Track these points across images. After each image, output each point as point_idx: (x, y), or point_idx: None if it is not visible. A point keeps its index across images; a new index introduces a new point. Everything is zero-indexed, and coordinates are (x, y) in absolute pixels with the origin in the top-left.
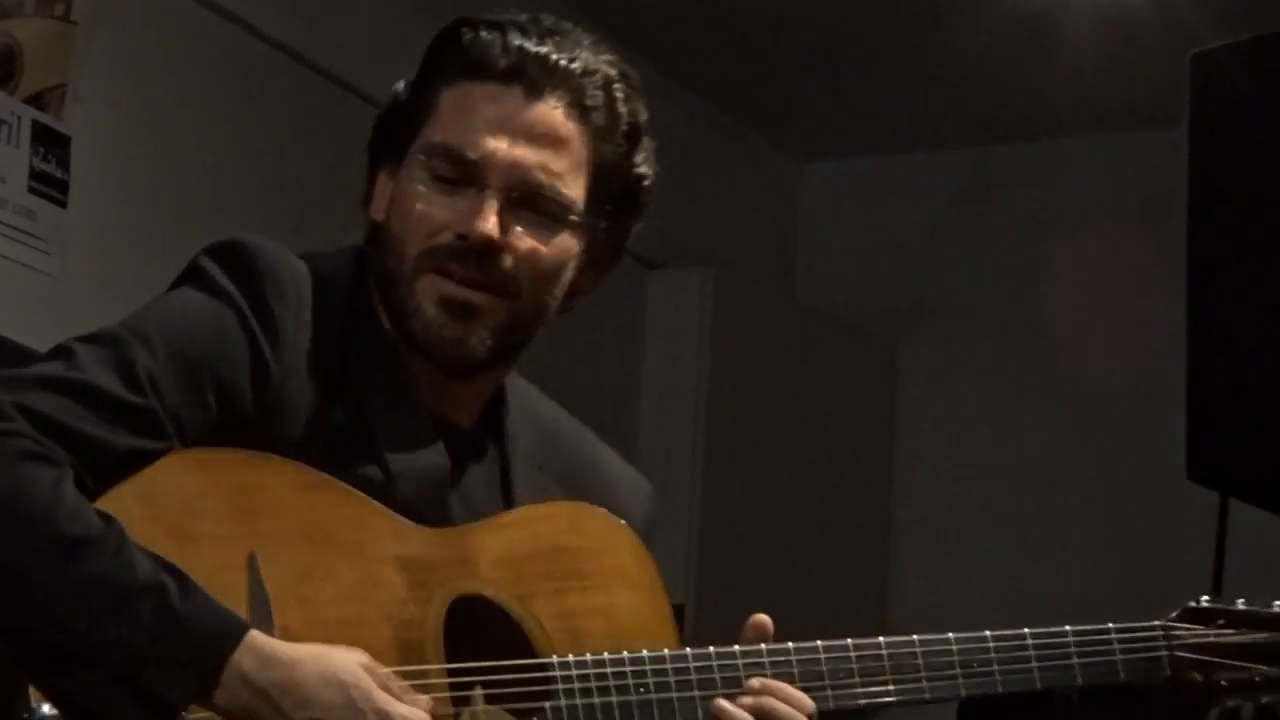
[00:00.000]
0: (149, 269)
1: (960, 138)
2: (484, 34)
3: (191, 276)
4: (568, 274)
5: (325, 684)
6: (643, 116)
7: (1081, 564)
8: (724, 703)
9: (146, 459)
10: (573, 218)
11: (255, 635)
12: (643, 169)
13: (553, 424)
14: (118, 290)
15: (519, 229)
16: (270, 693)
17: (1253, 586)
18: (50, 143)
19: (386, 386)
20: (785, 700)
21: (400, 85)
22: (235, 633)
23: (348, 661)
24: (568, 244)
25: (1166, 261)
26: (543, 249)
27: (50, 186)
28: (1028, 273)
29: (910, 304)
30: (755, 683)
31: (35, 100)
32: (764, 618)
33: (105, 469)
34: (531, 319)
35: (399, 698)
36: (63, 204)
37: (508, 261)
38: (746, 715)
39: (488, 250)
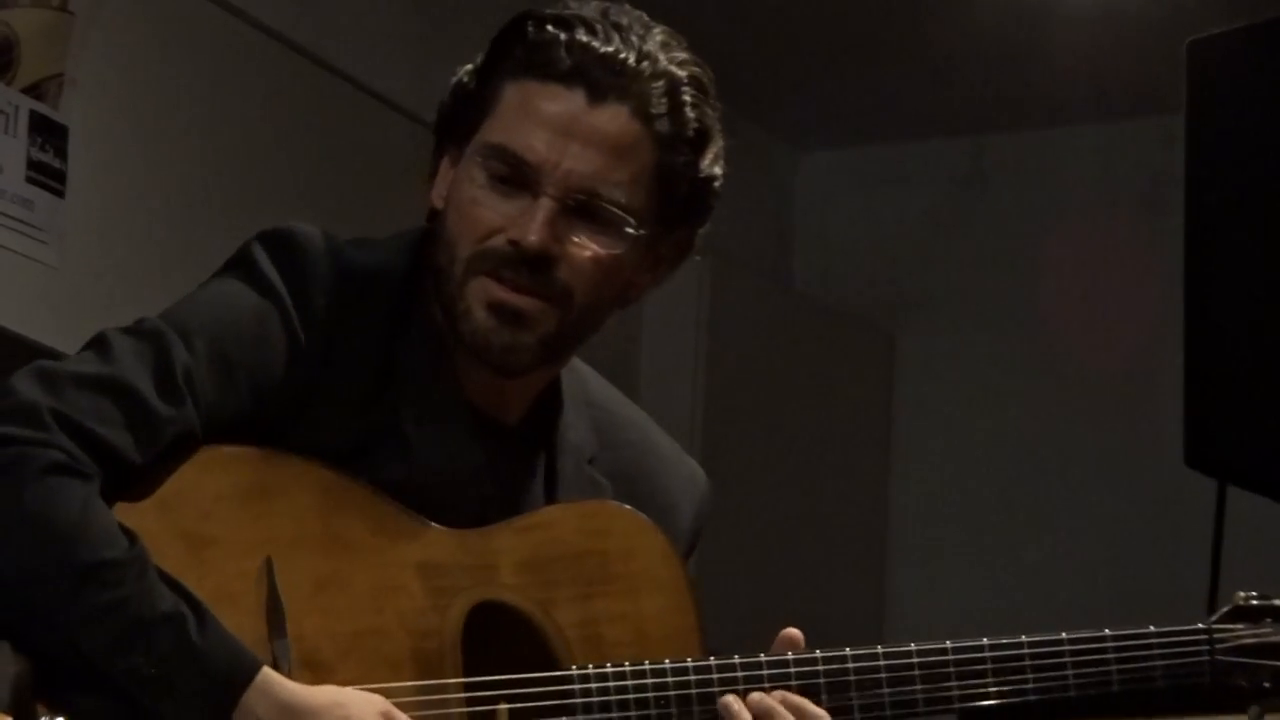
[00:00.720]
0: (146, 258)
1: (957, 126)
2: (549, 29)
3: (240, 264)
4: (623, 279)
5: None
6: (711, 119)
7: (1080, 552)
8: (730, 699)
9: (172, 462)
10: (629, 229)
11: (268, 675)
12: (710, 171)
13: (608, 413)
14: (115, 280)
15: (574, 238)
16: None
17: (1251, 573)
18: (48, 132)
19: (431, 383)
20: (795, 710)
21: (465, 71)
22: (249, 670)
23: (365, 703)
24: (624, 253)
25: (1164, 249)
26: (597, 259)
27: (48, 176)
28: (1025, 261)
29: (907, 292)
30: (776, 694)
31: (33, 90)
32: (796, 632)
33: (132, 475)
34: (583, 326)
35: None
36: (60, 194)
37: (560, 270)
38: (747, 715)
39: (540, 260)
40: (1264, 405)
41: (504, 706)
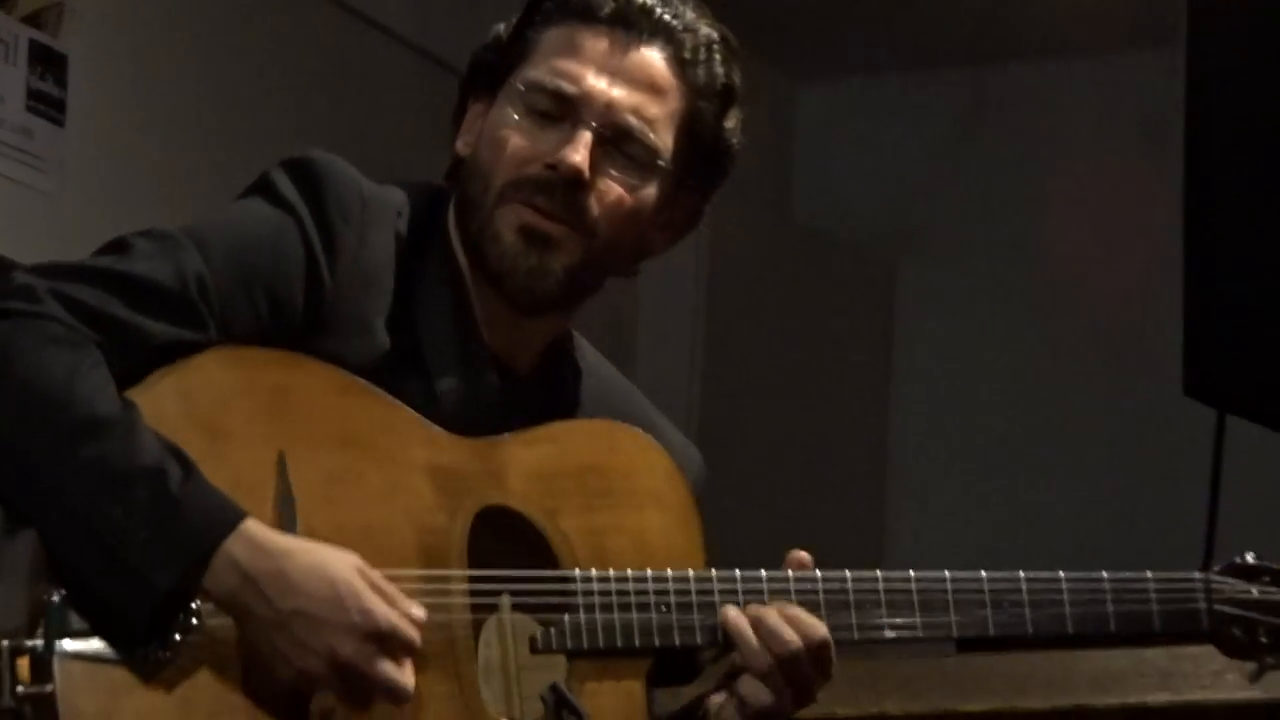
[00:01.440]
0: (146, 187)
1: (958, 58)
2: None
3: (259, 187)
4: (644, 224)
5: (313, 577)
6: (738, 82)
7: (1080, 483)
8: (731, 609)
9: (183, 350)
10: (660, 163)
11: (250, 524)
12: (731, 135)
13: (606, 381)
14: (115, 208)
15: (608, 171)
16: (258, 580)
17: (1250, 503)
18: (48, 62)
19: (448, 317)
20: (792, 622)
21: (500, 27)
22: (230, 520)
23: (340, 560)
24: (650, 192)
25: (1164, 181)
26: (626, 194)
27: (48, 105)
28: (1025, 193)
29: (907, 224)
30: (774, 605)
31: (33, 20)
32: (804, 554)
33: (139, 356)
34: (604, 261)
35: (393, 602)
36: (60, 123)
37: (591, 200)
38: (746, 624)
39: (575, 183)
40: (1263, 336)
41: (506, 598)
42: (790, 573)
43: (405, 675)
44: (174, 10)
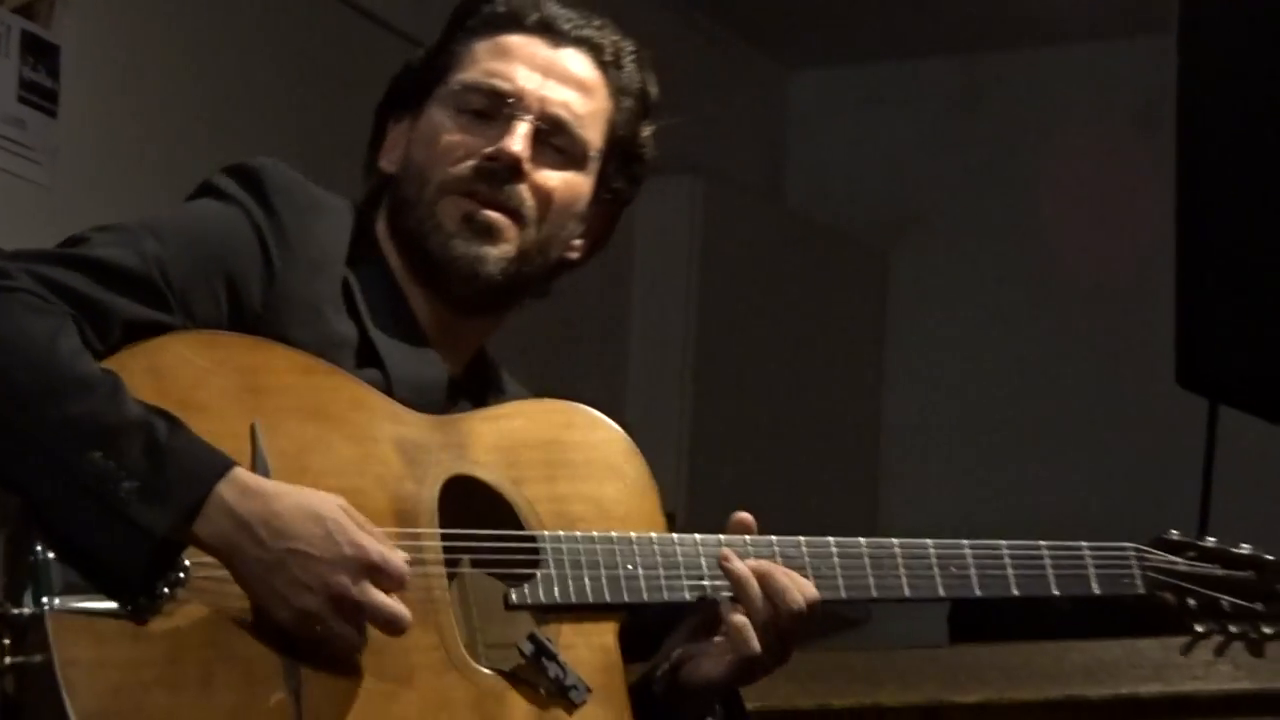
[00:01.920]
0: (138, 178)
1: (951, 45)
2: None
3: (203, 190)
4: (574, 220)
5: (303, 516)
6: (654, 92)
7: (1072, 471)
8: (737, 561)
9: (152, 331)
10: (589, 159)
11: (239, 470)
12: (647, 143)
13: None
14: (107, 199)
15: (541, 162)
16: (250, 523)
17: (1241, 492)
18: (40, 52)
19: (388, 313)
20: (794, 580)
21: (419, 53)
22: (220, 466)
23: (326, 499)
24: (581, 186)
25: (1157, 168)
26: (559, 184)
27: (40, 96)
28: (1018, 179)
29: (901, 211)
30: (767, 562)
31: (25, 10)
32: (747, 515)
33: (110, 332)
34: (540, 254)
35: (379, 539)
36: (52, 113)
37: (528, 191)
38: (747, 571)
39: (513, 171)
40: (1255, 326)
41: (466, 558)
42: (747, 538)
43: (399, 605)
44: (166, 0)
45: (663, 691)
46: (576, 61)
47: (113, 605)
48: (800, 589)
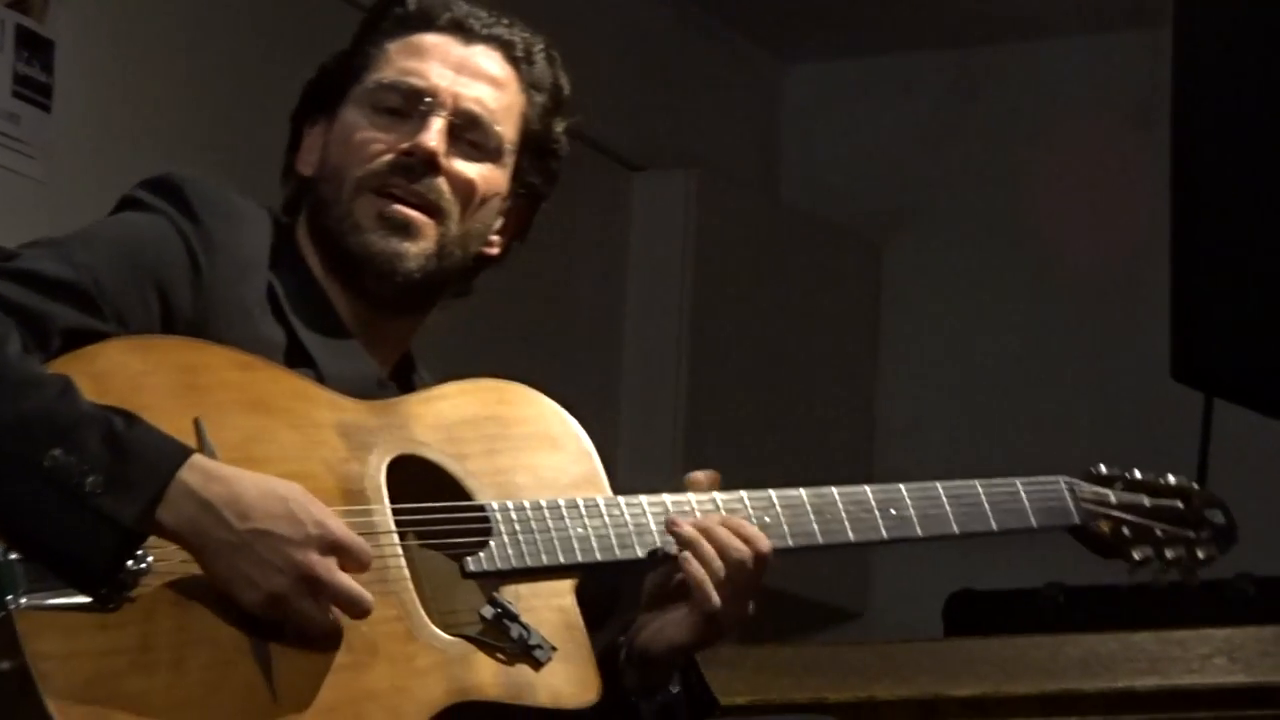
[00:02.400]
0: (133, 173)
1: (945, 39)
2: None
3: (124, 204)
4: (492, 213)
5: (265, 496)
6: (566, 87)
7: (1066, 467)
8: (682, 521)
9: (88, 339)
10: (504, 153)
11: (199, 457)
12: (560, 137)
13: None
14: (102, 194)
15: (457, 157)
16: (214, 505)
17: (1236, 486)
18: (34, 47)
19: (314, 314)
20: (738, 531)
21: (332, 58)
22: (181, 453)
23: (286, 482)
24: (497, 179)
25: (1151, 162)
26: (476, 178)
27: (34, 91)
28: (1012, 174)
29: (895, 205)
30: (714, 517)
31: (18, 4)
32: (700, 474)
33: (49, 340)
34: (458, 248)
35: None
36: (47, 108)
37: (445, 185)
38: (695, 532)
39: (429, 165)
40: (1250, 319)
41: (411, 533)
42: (716, 495)
43: (362, 589)
44: None
45: (626, 659)
46: (488, 58)
47: (80, 599)
48: (751, 541)
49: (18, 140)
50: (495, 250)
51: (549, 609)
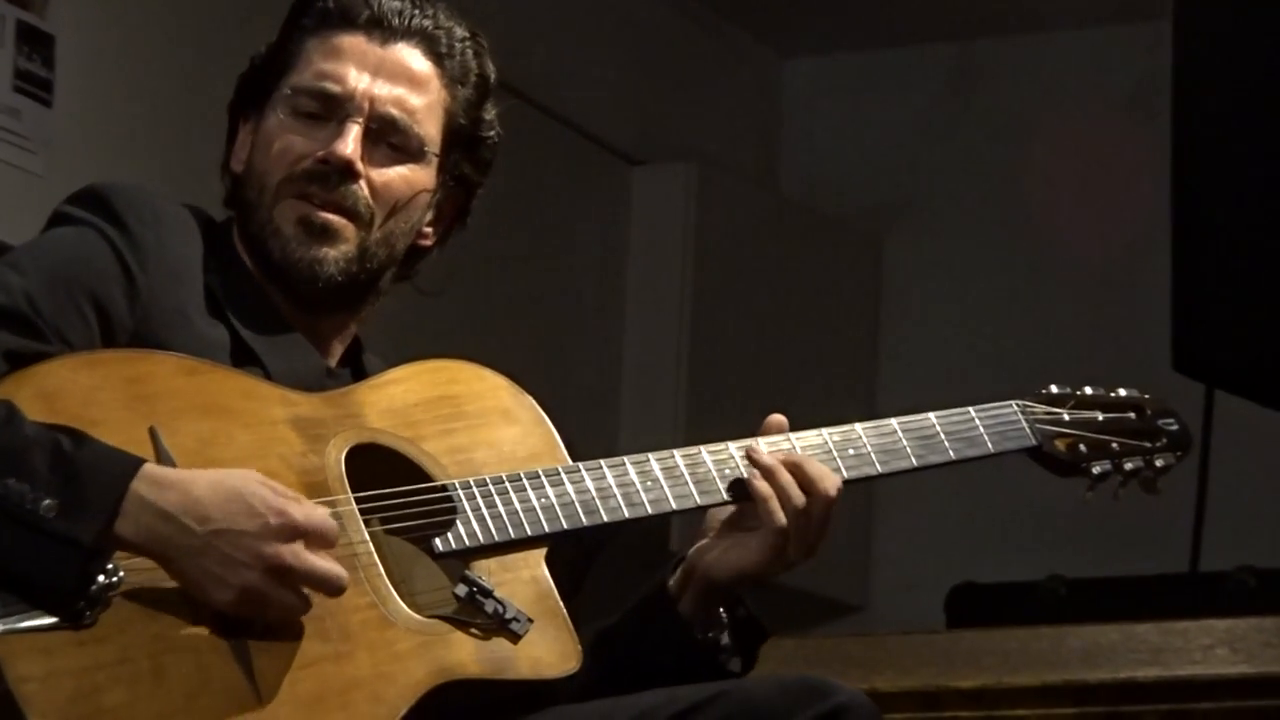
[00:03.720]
0: (134, 167)
1: (944, 31)
2: None
3: (53, 220)
4: (418, 211)
5: (223, 496)
6: (492, 74)
7: None
8: (757, 445)
9: (33, 360)
10: (426, 149)
11: (150, 466)
12: (490, 125)
13: None
14: None
15: (377, 160)
16: (172, 513)
17: (1238, 477)
18: (35, 42)
19: (254, 312)
20: (805, 465)
21: (262, 49)
22: (131, 466)
23: (241, 474)
24: (420, 178)
25: (1151, 154)
26: (396, 180)
27: (35, 85)
28: (1012, 166)
29: (895, 198)
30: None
31: None
32: (780, 417)
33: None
34: (382, 249)
35: (300, 501)
36: (48, 103)
37: (364, 189)
38: (773, 460)
39: (346, 173)
40: (1251, 311)
41: (375, 519)
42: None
43: (335, 565)
44: None
45: (687, 586)
46: (408, 56)
47: (54, 619)
48: (822, 478)
49: (19, 135)
50: (429, 241)
51: (521, 581)
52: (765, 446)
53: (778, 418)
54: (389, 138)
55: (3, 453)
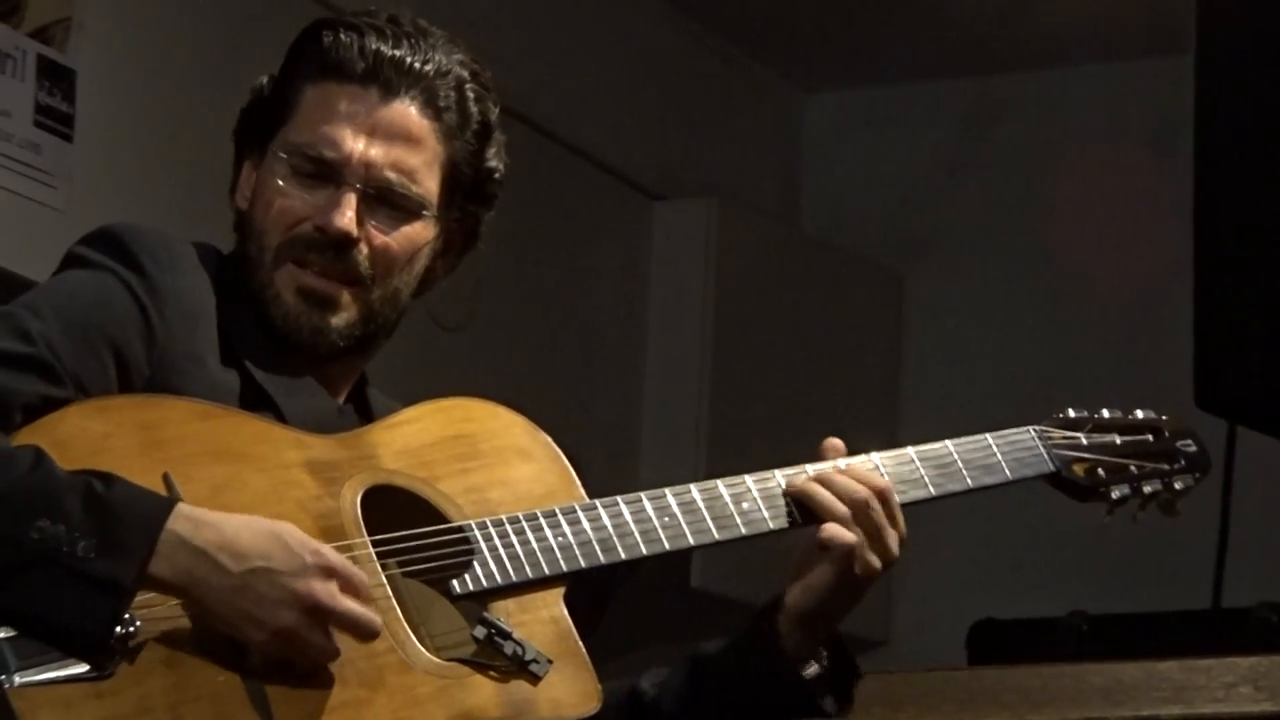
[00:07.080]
0: (154, 202)
1: (965, 67)
2: (343, 36)
3: (68, 262)
4: (421, 263)
5: (257, 535)
6: (493, 114)
7: None
8: (795, 477)
9: (51, 407)
10: (425, 211)
11: (184, 505)
12: (493, 163)
13: None
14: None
15: (374, 223)
16: (208, 551)
17: (1261, 513)
18: (55, 77)
19: (265, 354)
20: (851, 473)
21: (264, 80)
22: (165, 505)
23: (274, 520)
24: (420, 236)
25: (1173, 190)
26: (395, 243)
27: (55, 120)
28: (1033, 201)
29: (916, 233)
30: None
31: (40, 34)
32: (838, 441)
33: (11, 419)
34: (386, 307)
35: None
36: (68, 138)
37: (363, 253)
38: (809, 483)
39: (344, 243)
40: (1273, 347)
41: (392, 562)
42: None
43: (369, 610)
44: (182, 25)
45: (784, 623)
46: (405, 114)
47: (74, 670)
48: (861, 477)
49: (39, 170)
50: (444, 271)
51: (539, 621)
52: (783, 479)
53: (835, 441)
54: (387, 200)
55: (35, 495)
